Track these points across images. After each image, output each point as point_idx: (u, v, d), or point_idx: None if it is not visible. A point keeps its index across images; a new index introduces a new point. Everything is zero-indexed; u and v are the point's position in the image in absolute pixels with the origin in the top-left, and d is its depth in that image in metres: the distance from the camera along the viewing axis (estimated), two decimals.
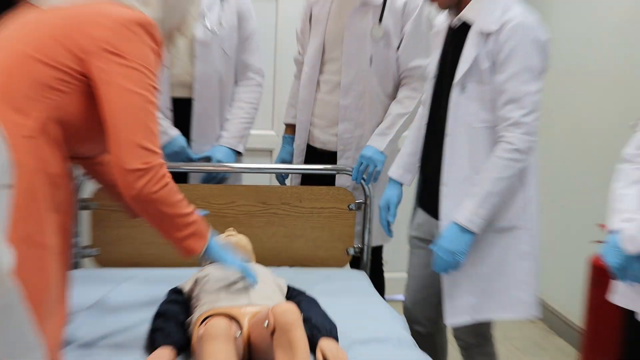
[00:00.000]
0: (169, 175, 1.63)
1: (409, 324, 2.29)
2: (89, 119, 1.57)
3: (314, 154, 2.66)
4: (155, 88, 1.59)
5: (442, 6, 2.03)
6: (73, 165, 1.68)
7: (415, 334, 2.29)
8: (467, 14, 1.98)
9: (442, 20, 2.13)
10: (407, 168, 2.28)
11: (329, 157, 2.61)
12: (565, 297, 3.34)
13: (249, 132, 2.62)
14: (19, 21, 1.59)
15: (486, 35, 1.92)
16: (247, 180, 2.84)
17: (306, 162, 2.68)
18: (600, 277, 2.71)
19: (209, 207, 2.40)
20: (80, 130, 1.58)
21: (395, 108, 2.51)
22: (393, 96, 2.55)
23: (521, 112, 1.89)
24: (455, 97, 1.99)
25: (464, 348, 2.20)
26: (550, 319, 3.45)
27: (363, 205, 2.50)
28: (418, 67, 2.49)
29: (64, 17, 1.55)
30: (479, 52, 1.93)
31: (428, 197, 2.18)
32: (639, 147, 1.86)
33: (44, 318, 1.53)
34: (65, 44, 1.51)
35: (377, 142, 2.47)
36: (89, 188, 2.39)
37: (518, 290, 2.05)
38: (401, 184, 2.29)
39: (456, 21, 2.03)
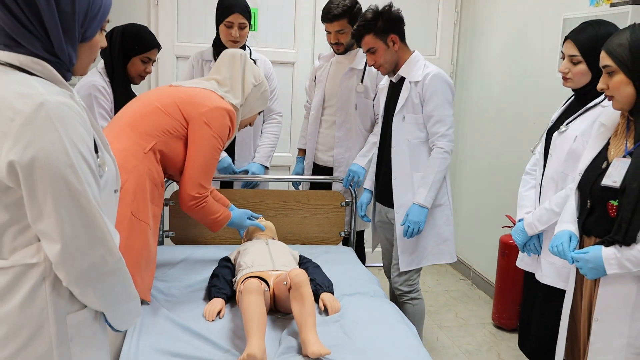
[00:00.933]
0: (209, 199, 1.73)
1: (388, 278, 2.30)
2: (176, 157, 1.69)
3: (318, 169, 2.61)
4: (221, 149, 1.72)
5: (384, 72, 2.10)
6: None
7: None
8: (401, 72, 2.06)
9: (384, 81, 2.22)
10: (373, 180, 2.29)
11: (328, 171, 2.57)
12: (484, 263, 3.28)
13: (273, 153, 2.57)
14: (158, 90, 1.77)
15: (415, 83, 2.01)
16: (273, 186, 2.82)
17: (313, 174, 2.62)
18: (507, 250, 2.70)
19: (247, 204, 2.36)
20: (170, 160, 1.69)
21: (372, 138, 2.45)
22: (370, 130, 2.49)
23: (445, 128, 2.00)
24: (397, 123, 2.06)
25: (399, 295, 2.16)
26: (475, 278, 3.38)
27: (350, 203, 2.48)
28: None
29: (184, 93, 1.71)
30: (410, 94, 2.01)
31: (381, 193, 2.20)
32: (534, 164, 1.87)
33: (142, 270, 1.59)
34: (181, 108, 1.67)
35: (360, 161, 2.42)
36: (168, 192, 2.38)
37: (444, 245, 2.11)
38: (371, 191, 2.29)
39: (395, 77, 2.10)
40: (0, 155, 0.80)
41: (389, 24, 1.99)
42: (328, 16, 2.34)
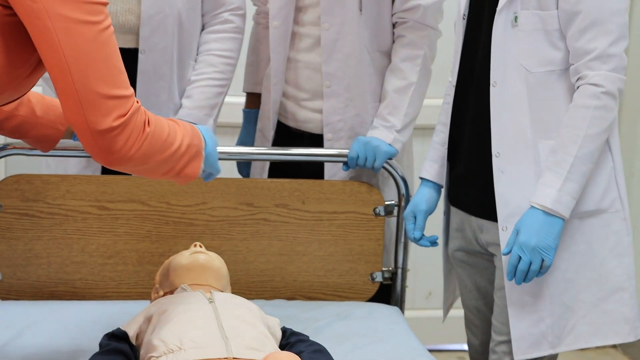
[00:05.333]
0: (149, 114, 1.74)
1: None
2: None
3: (287, 137, 2.68)
4: (104, 4, 1.68)
5: None
6: None
7: None
8: None
9: None
10: (444, 163, 2.32)
11: (310, 141, 2.63)
12: None
13: (222, 100, 2.61)
14: None
15: None
16: (224, 171, 2.76)
17: (277, 144, 2.70)
18: None
19: (169, 210, 2.46)
20: None
21: (390, 82, 2.54)
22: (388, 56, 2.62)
23: (607, 40, 1.97)
24: (501, 32, 2.07)
25: None
26: None
27: (396, 208, 2.48)
28: (416, 7, 2.49)
29: None
30: None
31: (462, 187, 2.26)
32: None
33: None
34: None
35: (381, 124, 2.51)
36: None
37: (615, 302, 2.11)
38: (439, 185, 2.34)
39: None
40: None
41: None
42: None
